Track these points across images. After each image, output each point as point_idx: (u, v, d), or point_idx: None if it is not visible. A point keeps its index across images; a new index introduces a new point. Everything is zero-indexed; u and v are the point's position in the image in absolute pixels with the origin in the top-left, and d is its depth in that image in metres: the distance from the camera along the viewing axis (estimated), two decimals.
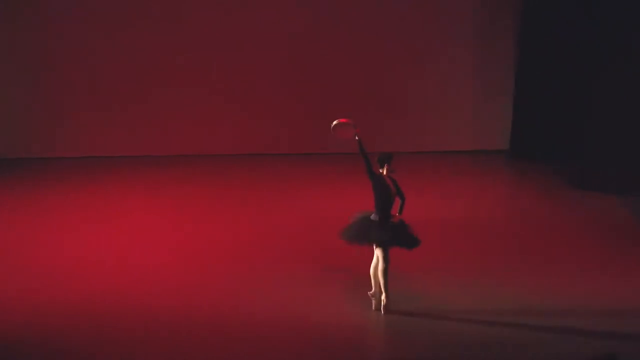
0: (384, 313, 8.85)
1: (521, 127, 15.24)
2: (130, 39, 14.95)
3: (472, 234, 11.33)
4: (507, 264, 10.29)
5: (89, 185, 13.35)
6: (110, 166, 14.41)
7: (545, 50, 14.71)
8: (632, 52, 12.64)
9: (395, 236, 8.66)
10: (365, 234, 8.71)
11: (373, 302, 8.95)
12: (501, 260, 10.40)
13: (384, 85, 15.48)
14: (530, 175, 14.28)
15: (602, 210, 12.34)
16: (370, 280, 8.93)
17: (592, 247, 10.91)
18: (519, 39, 15.13)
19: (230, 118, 15.32)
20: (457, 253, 10.64)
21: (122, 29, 14.92)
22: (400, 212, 8.74)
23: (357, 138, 8.71)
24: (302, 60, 15.33)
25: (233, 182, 13.66)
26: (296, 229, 11.34)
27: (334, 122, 8.72)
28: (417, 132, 15.69)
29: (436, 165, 14.88)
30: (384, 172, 8.78)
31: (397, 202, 8.84)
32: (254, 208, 12.33)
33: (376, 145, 15.22)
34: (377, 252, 8.75)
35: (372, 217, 8.77)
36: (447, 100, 15.60)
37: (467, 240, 11.09)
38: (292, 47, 15.25)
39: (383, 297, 8.84)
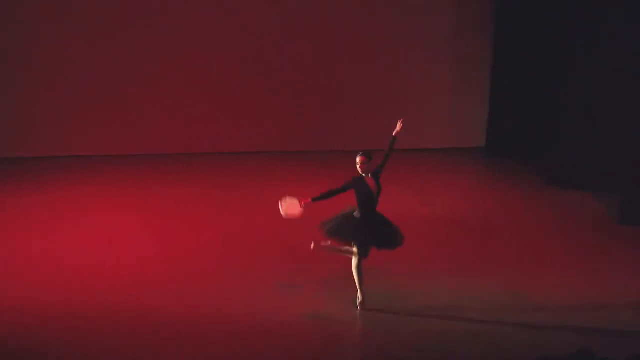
0: (360, 309, 8.88)
1: (497, 124, 15.32)
2: (110, 39, 14.84)
3: (449, 230, 11.38)
4: (484, 260, 10.35)
5: (66, 185, 13.26)
6: (90, 165, 14.33)
7: (521, 48, 14.78)
8: (606, 49, 12.74)
9: (374, 238, 8.62)
10: (345, 231, 8.68)
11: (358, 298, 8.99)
12: (478, 257, 10.46)
13: (360, 84, 15.50)
14: (506, 172, 14.38)
15: (578, 207, 12.44)
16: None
17: (568, 243, 11.00)
18: (494, 37, 15.21)
19: (212, 117, 15.25)
20: (434, 250, 10.68)
21: (100, 29, 14.80)
22: (392, 148, 8.85)
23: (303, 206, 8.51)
24: (277, 58, 15.29)
25: (215, 181, 13.64)
26: (278, 227, 11.31)
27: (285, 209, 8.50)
28: (393, 129, 15.68)
29: (413, 162, 14.88)
30: (368, 172, 8.56)
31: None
32: (235, 206, 12.29)
33: (354, 143, 15.45)
34: (354, 248, 8.73)
35: (355, 214, 8.71)
36: (423, 97, 15.64)
37: (443, 237, 11.14)
38: (265, 44, 15.19)
39: (358, 294, 8.87)
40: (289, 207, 8.50)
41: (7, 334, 8.15)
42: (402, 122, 8.61)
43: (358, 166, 8.68)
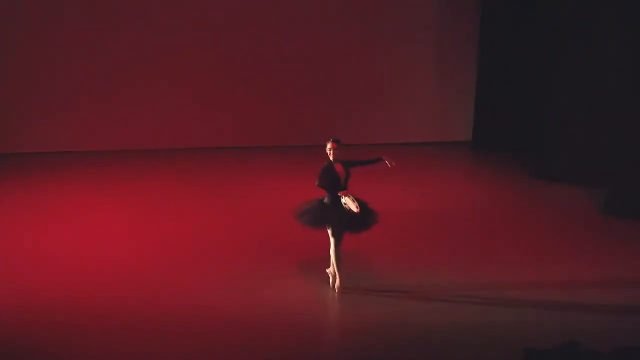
0: (338, 293, 8.94)
1: (483, 118, 15.44)
2: (104, 36, 14.86)
3: (435, 223, 11.42)
4: (469, 252, 10.37)
5: (50, 181, 13.23)
6: (85, 161, 14.37)
7: (506, 42, 14.91)
8: (590, 42, 12.82)
9: (348, 220, 8.70)
10: (319, 217, 8.80)
11: (330, 279, 9.10)
12: (463, 249, 10.49)
13: (346, 78, 15.54)
14: (492, 165, 14.46)
15: (562, 200, 12.51)
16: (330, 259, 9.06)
17: (552, 236, 11.02)
18: (479, 32, 15.29)
19: (198, 112, 15.29)
20: (419, 241, 10.72)
21: (93, 25, 14.80)
22: (374, 162, 8.90)
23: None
24: (265, 54, 15.32)
25: (202, 176, 13.64)
26: (265, 219, 11.35)
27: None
28: (379, 124, 15.79)
29: (399, 156, 14.77)
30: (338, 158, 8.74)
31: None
32: (223, 201, 12.29)
33: (341, 138, 15.45)
34: (329, 232, 8.82)
35: (325, 200, 8.81)
36: (409, 92, 15.72)
37: (429, 229, 11.17)
38: (254, 39, 15.23)
39: (337, 277, 8.97)
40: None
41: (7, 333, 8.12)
42: (393, 164, 8.74)
43: (329, 152, 8.76)
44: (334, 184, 8.73)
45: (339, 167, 8.79)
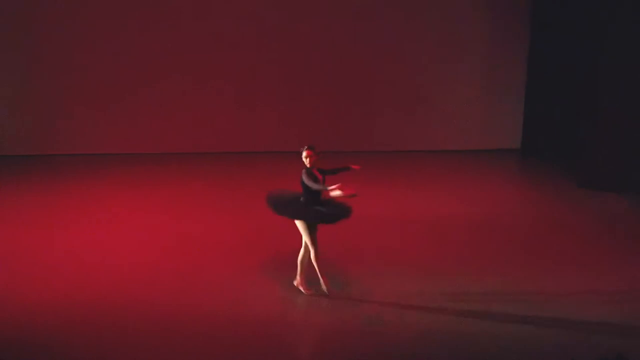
0: (329, 296, 8.96)
1: (532, 126, 15.34)
2: (123, 39, 14.95)
3: (478, 231, 11.32)
4: (512, 260, 10.27)
5: (79, 183, 13.36)
6: (101, 164, 14.49)
7: (556, 50, 14.78)
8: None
9: (316, 216, 8.74)
10: (290, 207, 8.84)
11: (301, 288, 9.12)
12: (507, 257, 10.38)
13: (397, 85, 15.53)
14: (540, 174, 14.35)
15: (611, 210, 12.37)
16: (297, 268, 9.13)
17: (600, 246, 10.88)
18: (530, 39, 15.22)
19: (234, 117, 15.38)
20: (459, 248, 10.63)
21: (112, 27, 14.93)
22: (343, 169, 8.93)
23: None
24: (311, 58, 15.38)
25: (240, 180, 13.66)
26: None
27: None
28: (428, 130, 15.76)
29: (448, 164, 14.96)
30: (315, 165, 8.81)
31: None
32: (249, 206, 12.05)
33: (389, 144, 15.55)
34: (305, 239, 8.86)
35: (301, 199, 8.86)
36: (459, 99, 15.66)
37: (472, 237, 11.07)
38: (300, 44, 15.29)
39: (322, 282, 8.97)
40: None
41: (23, 333, 8.15)
42: (357, 167, 8.82)
43: (307, 159, 8.79)
44: (308, 189, 8.75)
45: (317, 173, 8.83)
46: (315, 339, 8.28)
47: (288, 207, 8.82)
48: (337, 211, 8.78)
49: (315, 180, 8.68)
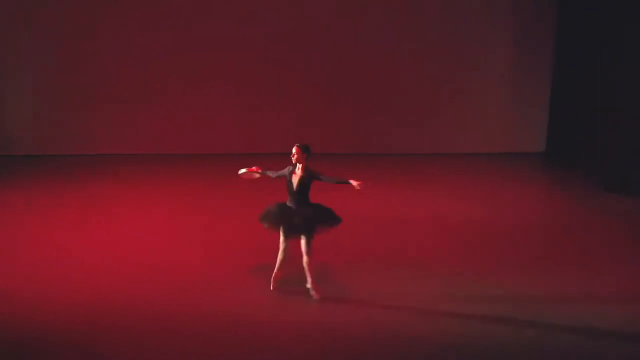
0: (316, 298, 8.88)
1: (557, 130, 15.26)
2: (146, 39, 15.16)
3: (500, 234, 11.18)
4: (536, 264, 10.08)
5: (94, 183, 13.50)
6: (117, 164, 14.66)
7: (581, 54, 14.74)
8: None
9: (313, 219, 8.75)
10: (284, 219, 8.82)
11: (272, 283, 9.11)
12: (530, 260, 10.20)
13: (422, 88, 15.59)
14: (564, 177, 14.28)
15: (636, 214, 12.17)
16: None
17: (627, 251, 10.63)
18: (555, 43, 15.20)
19: (261, 118, 15.49)
20: (478, 251, 10.50)
21: (133, 29, 15.14)
22: (342, 182, 8.80)
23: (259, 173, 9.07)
24: (337, 61, 15.47)
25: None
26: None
27: (242, 171, 9.02)
28: (453, 133, 15.74)
29: (471, 166, 14.94)
30: (303, 162, 8.78)
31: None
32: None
33: (416, 146, 15.45)
34: (302, 243, 8.82)
35: (288, 203, 8.87)
36: (484, 102, 15.70)
37: (494, 241, 10.92)
38: (319, 45, 15.39)
39: (309, 282, 8.93)
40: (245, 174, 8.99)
41: (27, 331, 8.14)
42: (360, 186, 8.65)
43: (294, 157, 8.79)
44: (299, 186, 8.75)
45: (300, 172, 8.79)
46: (315, 340, 8.14)
47: (292, 225, 8.80)
48: (330, 215, 8.82)
49: (288, 184, 8.80)
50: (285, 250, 8.97)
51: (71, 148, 15.33)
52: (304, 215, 8.74)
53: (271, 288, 9.06)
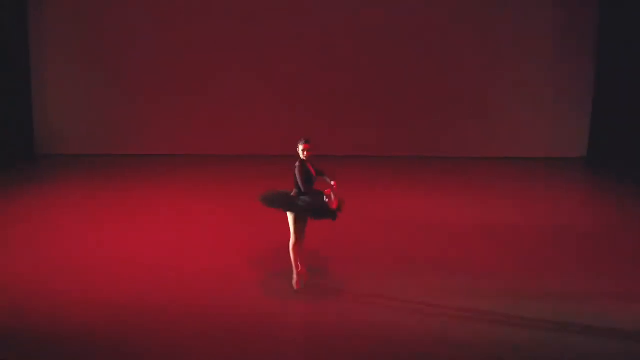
0: (296, 289, 8.93)
1: (599, 135, 15.11)
2: (200, 40, 15.37)
3: (539, 239, 11.03)
4: (577, 269, 9.94)
5: (144, 182, 13.66)
6: (162, 164, 14.83)
7: (624, 58, 14.60)
8: None
9: (311, 207, 8.74)
10: (284, 201, 8.86)
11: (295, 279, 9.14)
12: (572, 266, 10.06)
13: (464, 92, 15.58)
14: (606, 183, 14.13)
15: None
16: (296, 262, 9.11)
17: None
18: (597, 48, 15.05)
19: (305, 120, 15.49)
20: (528, 258, 10.36)
21: (192, 31, 15.35)
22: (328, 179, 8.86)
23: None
24: (377, 64, 15.52)
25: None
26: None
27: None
28: (495, 137, 15.68)
29: (512, 171, 14.88)
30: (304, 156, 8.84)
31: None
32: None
33: (457, 149, 15.41)
34: (291, 227, 8.88)
35: (292, 193, 8.90)
36: (525, 107, 15.60)
37: (534, 246, 10.79)
38: (366, 50, 15.44)
39: (294, 274, 8.97)
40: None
41: (68, 329, 8.17)
42: (334, 186, 8.72)
43: (304, 152, 8.82)
44: (308, 181, 8.81)
45: (310, 167, 8.89)
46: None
47: (277, 200, 8.89)
48: (323, 208, 8.77)
49: (308, 174, 8.78)
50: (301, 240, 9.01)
51: (118, 148, 15.59)
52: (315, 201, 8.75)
53: (298, 286, 9.08)
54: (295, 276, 9.02)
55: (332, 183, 8.72)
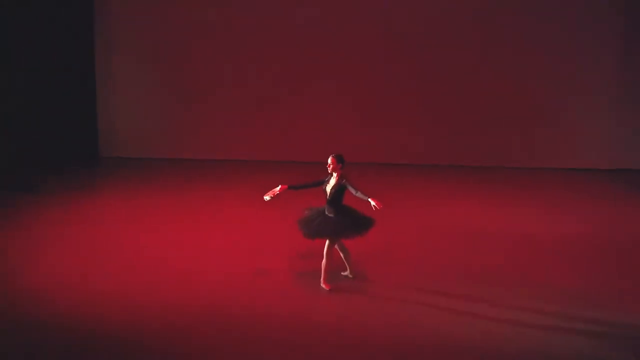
0: (327, 289, 9.12)
1: None
2: (269, 56, 15.57)
3: (597, 253, 10.81)
4: (628, 284, 9.67)
5: (205, 186, 13.83)
6: (222, 167, 15.07)
7: None
8: None
9: (347, 228, 9.02)
10: (322, 229, 9.07)
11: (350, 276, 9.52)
12: (627, 281, 9.79)
13: (527, 102, 15.41)
14: None
15: None
16: (344, 263, 9.53)
17: None
18: None
19: (361, 127, 15.65)
20: (577, 267, 10.22)
21: (262, 42, 15.54)
22: (365, 199, 8.82)
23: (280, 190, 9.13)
24: (436, 71, 15.51)
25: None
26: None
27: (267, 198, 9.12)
28: (557, 148, 15.52)
29: (575, 182, 14.72)
30: (339, 172, 9.02)
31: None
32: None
33: (520, 159, 15.32)
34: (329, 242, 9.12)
35: (326, 212, 9.10)
36: (589, 117, 15.37)
37: (588, 258, 10.59)
38: (423, 56, 15.45)
39: (322, 272, 9.17)
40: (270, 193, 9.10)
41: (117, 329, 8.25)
42: (377, 206, 8.74)
43: (329, 167, 9.07)
44: (336, 194, 9.04)
45: (334, 181, 9.05)
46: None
47: (326, 229, 9.09)
48: (363, 222, 9.08)
49: (306, 185, 9.23)
50: (340, 248, 9.35)
51: (182, 152, 15.86)
52: (330, 222, 9.03)
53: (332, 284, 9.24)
54: (323, 274, 9.21)
55: (374, 203, 8.75)
